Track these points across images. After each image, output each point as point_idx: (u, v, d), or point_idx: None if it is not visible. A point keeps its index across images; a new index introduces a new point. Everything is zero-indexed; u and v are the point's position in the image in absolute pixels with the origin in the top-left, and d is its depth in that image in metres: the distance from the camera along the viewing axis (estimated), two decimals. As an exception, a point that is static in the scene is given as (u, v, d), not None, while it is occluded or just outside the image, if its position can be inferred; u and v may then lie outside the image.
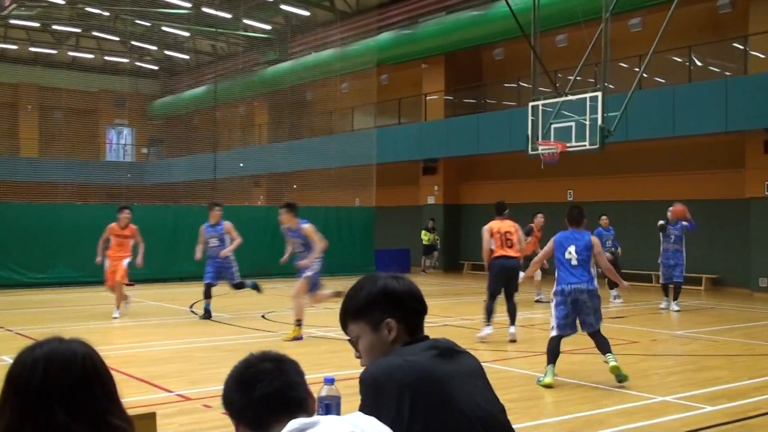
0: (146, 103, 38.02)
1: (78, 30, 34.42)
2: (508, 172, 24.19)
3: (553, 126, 15.83)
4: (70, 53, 36.92)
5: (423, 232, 25.70)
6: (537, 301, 16.20)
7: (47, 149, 35.71)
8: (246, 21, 30.88)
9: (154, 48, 36.50)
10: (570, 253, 8.33)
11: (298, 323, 11.26)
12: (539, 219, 16.27)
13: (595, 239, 8.52)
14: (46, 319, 13.96)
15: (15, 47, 35.68)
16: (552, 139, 15.73)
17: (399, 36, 26.01)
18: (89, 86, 37.03)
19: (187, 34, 33.84)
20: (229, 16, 30.51)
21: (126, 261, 13.74)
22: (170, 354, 10.31)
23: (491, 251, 11.00)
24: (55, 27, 33.93)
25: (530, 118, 16.06)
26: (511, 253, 11.03)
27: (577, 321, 8.31)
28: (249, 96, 32.84)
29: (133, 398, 7.18)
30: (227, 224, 13.95)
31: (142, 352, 10.19)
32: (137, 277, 20.59)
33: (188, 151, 33.98)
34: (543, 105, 15.97)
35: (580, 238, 8.41)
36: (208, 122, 35.37)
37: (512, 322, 11.12)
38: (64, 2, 30.11)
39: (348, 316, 2.46)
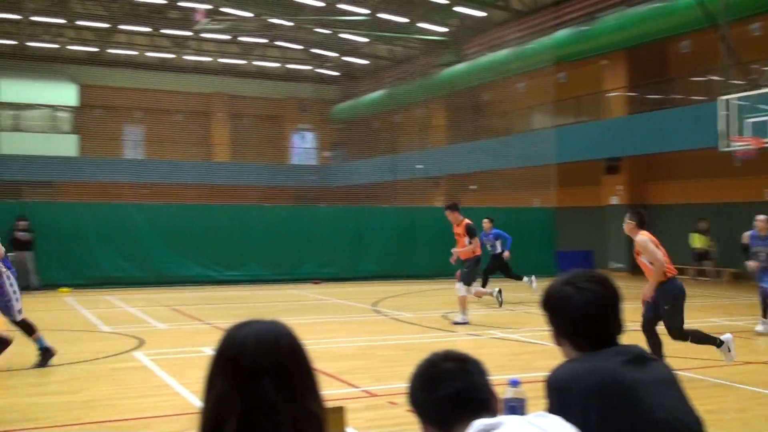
0: (328, 108, 39.35)
1: (264, 40, 36.20)
2: (697, 170, 22.98)
3: (748, 121, 14.88)
4: (256, 63, 38.91)
5: (695, 235, 22.11)
6: None
7: (237, 154, 37.83)
8: (421, 24, 31.26)
9: (335, 55, 37.72)
10: None
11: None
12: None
13: None
14: (240, 314, 14.77)
15: (208, 59, 38.07)
16: (747, 135, 14.80)
17: (577, 32, 25.37)
18: (275, 93, 38.89)
19: (365, 39, 34.73)
20: (405, 20, 31.01)
21: None
22: (355, 350, 10.61)
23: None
24: (242, 39, 35.88)
25: (722, 112, 15.19)
26: None
27: None
28: (426, 98, 33.19)
29: (322, 392, 7.44)
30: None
31: (329, 348, 10.56)
32: (323, 275, 21.44)
33: (369, 153, 34.84)
34: (735, 99, 15.06)
35: None
36: (387, 125, 36.11)
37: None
38: (250, 15, 31.78)
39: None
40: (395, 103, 34.39)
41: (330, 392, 7.64)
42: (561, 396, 2.18)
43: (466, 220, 13.21)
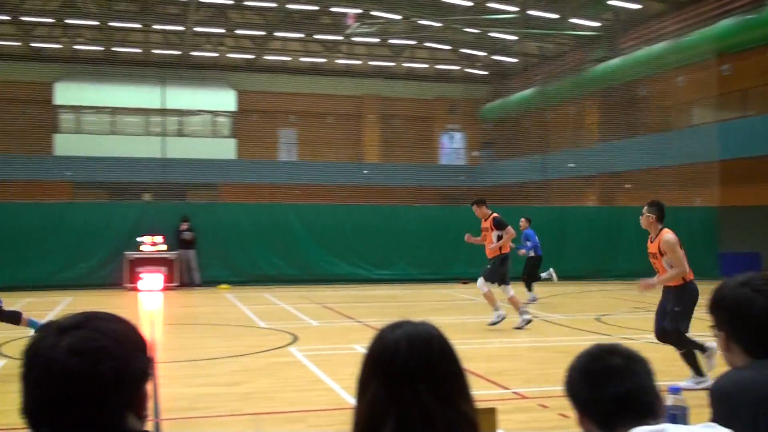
0: (477, 108, 39.18)
1: (413, 42, 36.50)
2: None
3: None
4: (406, 64, 39.29)
5: None
6: None
7: (387, 155, 38.36)
8: (573, 20, 30.52)
9: (483, 54, 37.50)
10: None
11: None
12: None
13: None
14: (389, 312, 14.98)
15: (358, 62, 38.81)
16: None
17: (742, 21, 23.95)
18: (424, 94, 39.12)
19: (514, 37, 34.31)
20: (555, 16, 30.38)
21: None
22: (505, 352, 10.50)
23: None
24: (392, 41, 36.35)
25: None
26: None
27: None
28: (578, 95, 32.39)
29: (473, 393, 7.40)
30: None
31: (478, 349, 10.50)
32: (471, 275, 21.33)
33: (518, 152, 34.41)
34: None
35: None
36: (537, 124, 35.50)
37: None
38: (399, 17, 32.14)
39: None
40: (546, 101, 33.75)
41: (480, 393, 7.58)
42: (728, 406, 2.07)
43: (494, 214, 12.71)
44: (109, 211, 20.76)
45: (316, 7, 32.19)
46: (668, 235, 7.87)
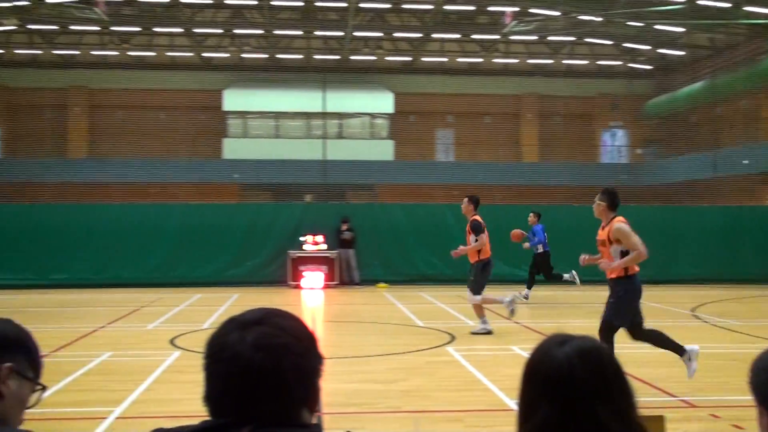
0: (640, 104, 37.70)
1: (572, 38, 35.61)
2: None
3: None
4: (566, 61, 38.39)
5: None
6: None
7: (546, 154, 37.63)
8: (747, 8, 28.72)
9: (648, 47, 36.02)
10: None
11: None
12: None
13: None
14: (546, 314, 14.67)
15: (516, 61, 38.31)
16: None
17: None
18: (584, 91, 38.06)
19: (682, 29, 32.73)
20: (727, 5, 28.71)
21: None
22: (668, 357, 9.99)
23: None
24: (551, 38, 35.61)
25: None
26: None
27: None
28: (752, 88, 30.45)
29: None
30: None
31: (639, 353, 10.06)
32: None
33: (686, 149, 32.82)
34: None
35: None
36: (707, 119, 33.74)
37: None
38: (558, 14, 31.43)
39: None
40: (716, 95, 31.97)
41: (645, 400, 7.25)
42: None
43: (476, 216, 11.91)
44: (273, 211, 21.56)
45: (473, 7, 32.07)
46: (619, 223, 7.67)
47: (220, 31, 34.58)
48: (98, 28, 34.03)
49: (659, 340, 7.87)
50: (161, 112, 36.62)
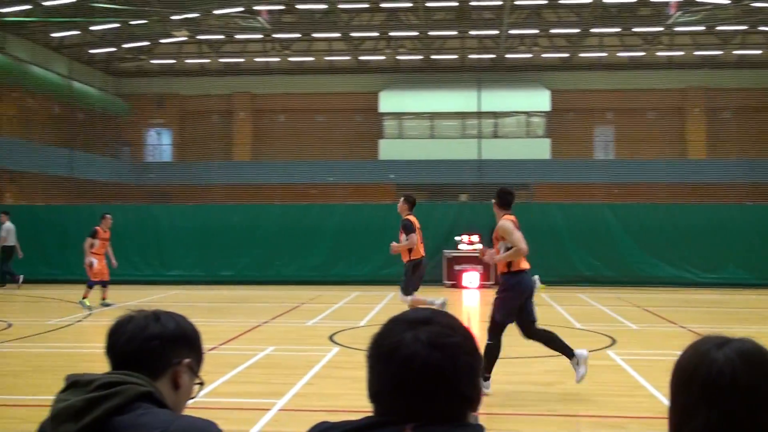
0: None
1: (744, 27, 33.56)
2: None
3: None
4: (736, 52, 36.23)
5: None
6: None
7: (714, 150, 35.72)
8: None
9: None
10: None
11: None
12: None
13: None
14: (717, 318, 13.88)
15: (681, 53, 36.56)
16: None
17: None
18: (758, 83, 35.69)
19: None
20: None
21: None
22: None
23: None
24: (720, 27, 33.73)
25: None
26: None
27: None
28: None
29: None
30: None
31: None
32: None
33: None
34: None
35: None
36: None
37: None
38: (728, 2, 29.73)
39: None
40: None
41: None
42: None
43: (409, 216, 11.44)
44: (428, 211, 21.65)
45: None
46: (504, 220, 7.86)
47: (376, 34, 35.15)
48: (261, 36, 35.49)
49: (550, 341, 7.78)
50: (320, 115, 37.72)
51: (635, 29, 34.22)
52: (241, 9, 30.70)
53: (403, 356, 1.51)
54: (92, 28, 32.48)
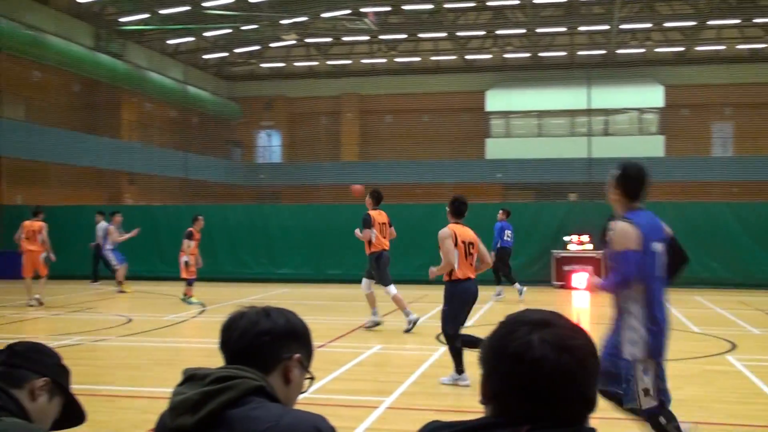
0: None
1: None
2: None
3: None
4: None
5: None
6: None
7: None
8: None
9: None
10: None
11: None
12: None
13: None
14: None
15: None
16: None
17: None
18: None
19: None
20: None
21: None
22: None
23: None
24: None
25: None
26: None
27: None
28: None
29: None
30: None
31: None
32: None
33: None
34: None
35: None
36: None
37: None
38: None
39: None
40: None
41: None
42: None
43: (370, 211, 12.22)
44: (536, 210, 21.35)
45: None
46: (443, 229, 8.07)
47: (482, 32, 34.90)
48: (368, 38, 35.81)
49: (458, 351, 7.92)
50: (426, 115, 37.75)
51: (756, 20, 32.68)
52: (348, 11, 31.07)
53: (532, 358, 1.51)
54: (206, 34, 33.58)
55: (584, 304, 16.62)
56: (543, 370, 1.50)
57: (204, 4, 29.28)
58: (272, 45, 36.53)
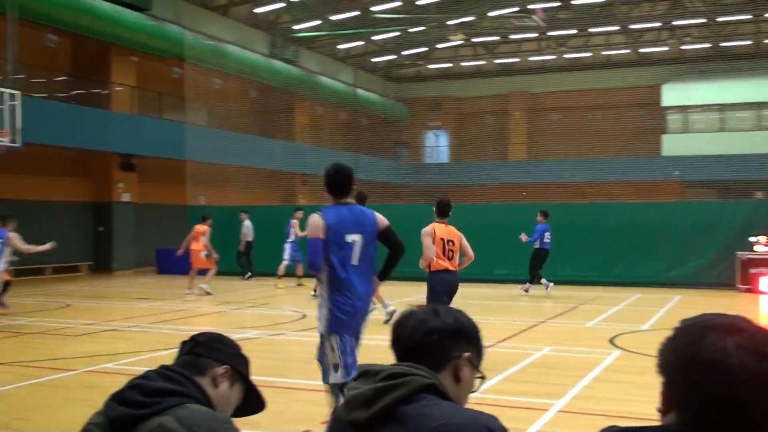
0: None
1: None
2: None
3: None
4: None
5: None
6: None
7: None
8: None
9: None
10: None
11: None
12: None
13: None
14: None
15: None
16: None
17: None
18: None
19: None
20: None
21: None
22: None
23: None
24: None
25: None
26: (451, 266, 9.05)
27: None
28: None
29: None
30: None
31: None
32: None
33: None
34: None
35: None
36: None
37: None
38: None
39: None
40: None
41: None
42: None
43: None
44: (717, 209, 20.17)
45: None
46: (426, 227, 8.98)
47: (658, 24, 33.46)
48: (536, 35, 35.24)
49: None
50: (596, 112, 36.68)
51: None
52: (515, 9, 30.70)
53: (729, 365, 1.44)
54: (374, 37, 34.25)
55: (772, 310, 15.52)
56: (742, 378, 1.43)
57: (373, 9, 29.88)
58: (439, 46, 36.73)
